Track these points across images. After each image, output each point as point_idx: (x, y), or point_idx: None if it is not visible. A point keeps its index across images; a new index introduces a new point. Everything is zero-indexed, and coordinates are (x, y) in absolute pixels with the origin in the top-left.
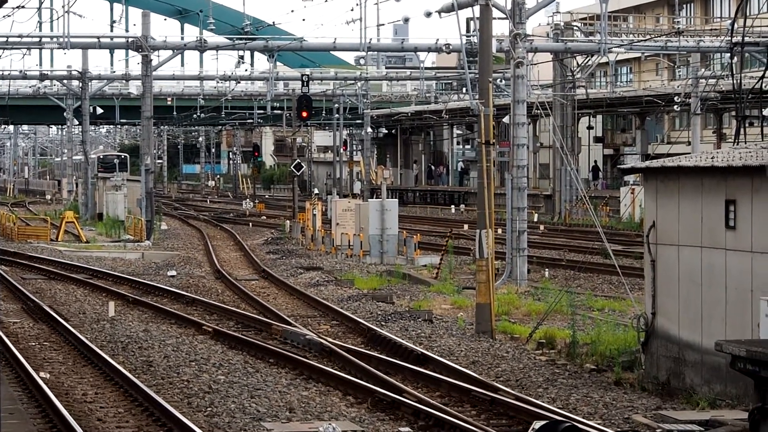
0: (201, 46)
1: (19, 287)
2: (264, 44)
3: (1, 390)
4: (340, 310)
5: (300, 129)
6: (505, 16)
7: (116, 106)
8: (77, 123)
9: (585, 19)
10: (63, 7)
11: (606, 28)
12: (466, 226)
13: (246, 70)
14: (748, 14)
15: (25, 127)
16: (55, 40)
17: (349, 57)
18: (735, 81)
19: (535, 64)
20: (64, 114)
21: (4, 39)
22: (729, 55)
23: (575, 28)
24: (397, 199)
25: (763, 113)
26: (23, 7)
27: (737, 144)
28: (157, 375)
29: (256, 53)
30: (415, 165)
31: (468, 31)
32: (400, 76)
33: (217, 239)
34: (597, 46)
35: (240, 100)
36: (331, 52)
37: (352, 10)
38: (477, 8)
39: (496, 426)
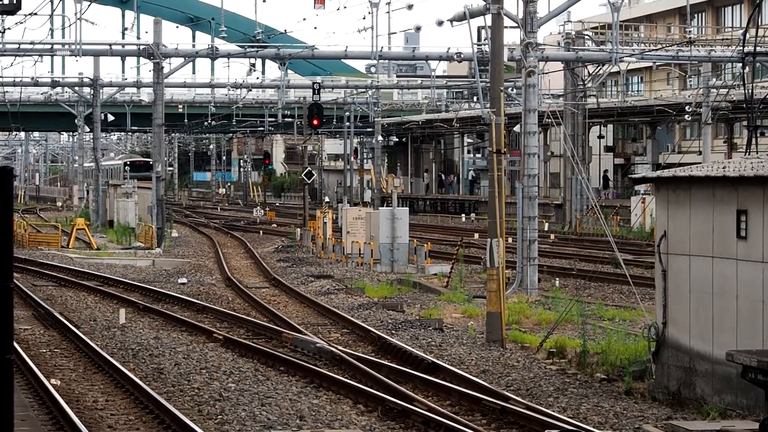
0: (212, 54)
1: (30, 294)
2: (275, 52)
3: (13, 396)
4: (351, 318)
5: (311, 137)
6: (516, 25)
7: (127, 114)
8: (88, 130)
9: (596, 28)
10: (75, 14)
11: (617, 37)
12: (476, 235)
13: (257, 78)
14: (759, 24)
15: (36, 133)
16: (66, 47)
17: (360, 65)
18: (746, 91)
19: (546, 73)
20: (76, 121)
21: (16, 46)
22: (740, 64)
23: (586, 37)
24: (407, 208)
25: None
26: (35, 14)
27: (749, 154)
28: (168, 382)
29: (267, 61)
30: (425, 173)
31: (479, 39)
32: (411, 85)
33: (227, 247)
34: (608, 56)
35: (251, 107)
36: (343, 60)
37: (363, 18)
38: (488, 17)
39: None
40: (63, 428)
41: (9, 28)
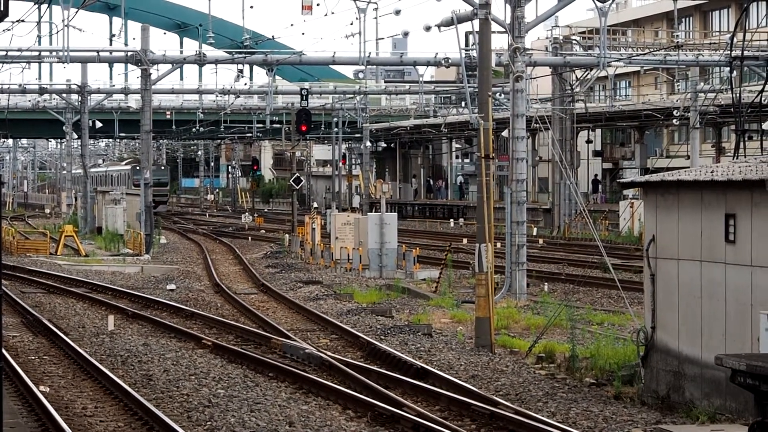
0: (200, 60)
1: (19, 301)
2: (263, 58)
3: (2, 403)
4: (340, 324)
5: (299, 143)
6: (504, 30)
7: (115, 120)
8: (76, 137)
9: (584, 32)
10: (62, 21)
11: (605, 41)
12: (465, 240)
13: (245, 84)
14: (747, 28)
15: (24, 140)
16: (54, 53)
17: (348, 71)
18: (734, 95)
19: (534, 78)
20: (64, 128)
21: (4, 53)
22: (728, 68)
23: (574, 41)
24: (396, 213)
25: (763, 127)
26: (23, 20)
27: (737, 158)
28: (157, 389)
29: (255, 67)
30: (414, 179)
31: (467, 45)
32: (399, 90)
33: (216, 253)
34: (596, 60)
35: (239, 113)
36: (330, 66)
37: (351, 24)
38: (476, 22)
39: None
40: None
41: None
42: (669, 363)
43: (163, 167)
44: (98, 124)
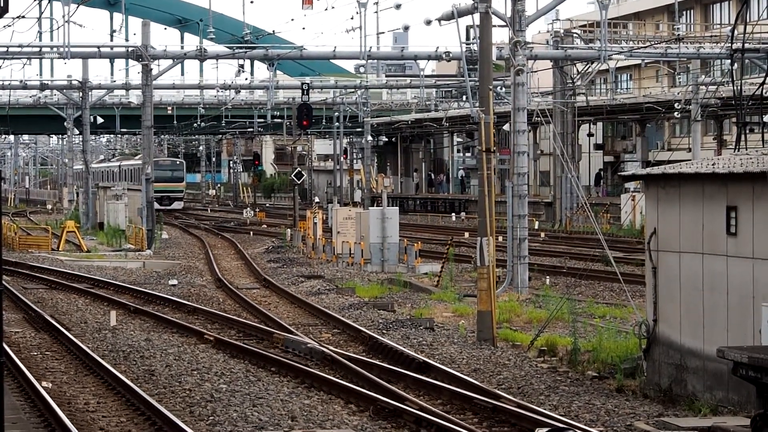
0: (201, 55)
1: (21, 297)
2: (264, 53)
3: (4, 399)
4: (342, 318)
5: (300, 137)
6: (504, 23)
7: (117, 116)
8: (78, 132)
9: (585, 26)
10: (63, 16)
11: (606, 35)
12: (466, 234)
13: (246, 79)
14: (748, 20)
15: (25, 136)
16: (55, 49)
17: (349, 65)
18: (735, 87)
19: (535, 72)
20: (65, 124)
21: (5, 49)
22: (729, 61)
23: (575, 35)
24: (397, 207)
25: (764, 119)
26: (23, 17)
27: (738, 150)
28: (159, 384)
29: (256, 62)
30: (415, 173)
31: (468, 38)
32: (400, 84)
33: (218, 248)
34: (597, 53)
35: (240, 108)
36: (331, 60)
37: (351, 18)
38: (477, 16)
39: None
40: (54, 431)
41: None
42: (671, 356)
43: (178, 162)
44: (99, 120)
